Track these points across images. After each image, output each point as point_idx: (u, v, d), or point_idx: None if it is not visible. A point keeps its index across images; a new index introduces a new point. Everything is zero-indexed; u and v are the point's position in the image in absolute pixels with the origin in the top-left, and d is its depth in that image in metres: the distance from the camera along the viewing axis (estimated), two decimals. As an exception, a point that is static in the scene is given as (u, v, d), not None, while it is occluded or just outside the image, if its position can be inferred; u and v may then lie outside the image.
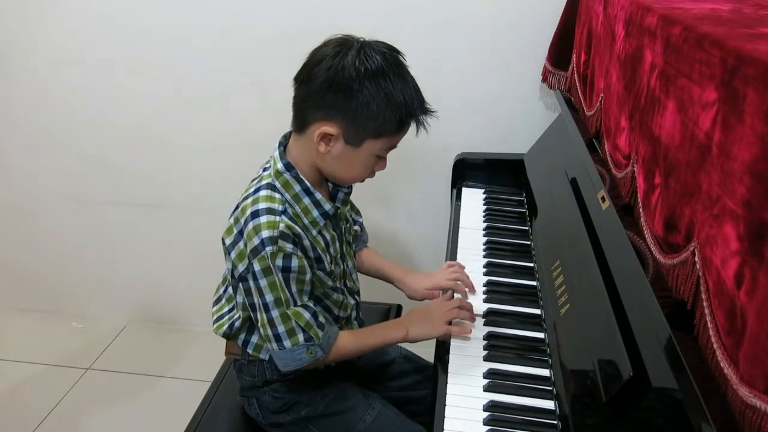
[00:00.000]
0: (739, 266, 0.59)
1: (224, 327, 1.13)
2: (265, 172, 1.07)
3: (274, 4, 1.74)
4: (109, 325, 2.26)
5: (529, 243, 1.42)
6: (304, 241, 1.03)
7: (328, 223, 1.09)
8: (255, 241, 0.99)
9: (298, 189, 1.04)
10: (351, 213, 1.25)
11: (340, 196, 1.11)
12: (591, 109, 1.33)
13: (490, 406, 0.97)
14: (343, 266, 1.17)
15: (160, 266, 2.17)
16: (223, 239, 1.06)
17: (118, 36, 1.84)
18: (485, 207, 1.59)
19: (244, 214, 1.02)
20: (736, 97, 0.61)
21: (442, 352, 1.10)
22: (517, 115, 1.79)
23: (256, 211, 1.00)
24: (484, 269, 1.33)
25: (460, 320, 1.14)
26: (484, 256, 1.38)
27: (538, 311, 1.19)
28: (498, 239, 1.45)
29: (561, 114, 1.58)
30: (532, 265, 1.34)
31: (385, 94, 0.96)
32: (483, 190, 1.68)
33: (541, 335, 1.13)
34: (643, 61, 0.95)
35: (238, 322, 1.11)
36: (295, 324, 1.02)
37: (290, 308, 1.02)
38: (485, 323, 1.17)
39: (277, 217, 1.00)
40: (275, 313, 1.01)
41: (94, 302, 2.28)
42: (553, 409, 0.97)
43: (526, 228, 1.49)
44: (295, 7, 1.73)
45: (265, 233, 0.98)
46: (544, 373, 1.04)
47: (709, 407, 0.60)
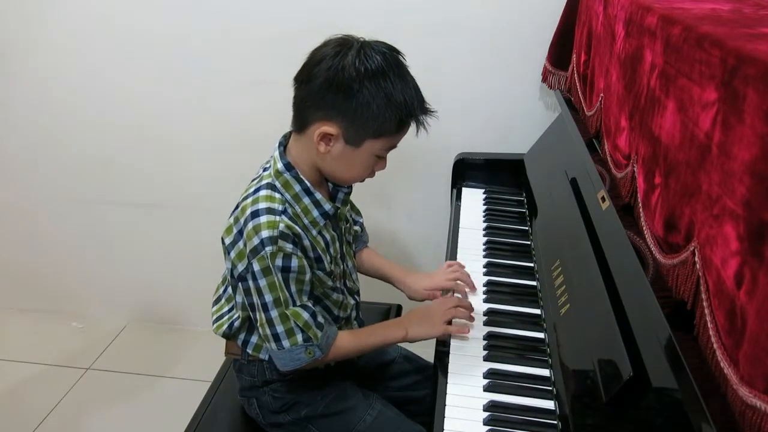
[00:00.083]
0: (739, 266, 0.59)
1: (224, 327, 1.13)
2: (265, 172, 1.07)
3: (274, 4, 1.74)
4: (109, 325, 2.26)
5: (529, 243, 1.42)
6: (304, 241, 1.03)
7: (328, 223, 1.09)
8: (255, 240, 0.99)
9: (298, 189, 1.04)
10: (351, 213, 1.25)
11: (340, 196, 1.11)
12: (591, 109, 1.33)
13: (490, 406, 0.97)
14: (343, 266, 1.17)
15: (160, 266, 2.17)
16: (223, 239, 1.06)
17: (118, 36, 1.84)
18: (485, 207, 1.59)
19: (244, 214, 1.02)
20: (736, 97, 0.61)
21: (442, 352, 1.10)
22: (517, 115, 1.79)
23: (256, 210, 1.00)
24: (484, 269, 1.33)
25: (461, 320, 1.14)
26: (484, 256, 1.38)
27: (538, 311, 1.19)
28: (498, 239, 1.45)
29: (561, 114, 1.58)
30: (532, 265, 1.34)
31: (385, 94, 0.96)
32: (483, 190, 1.68)
33: (541, 335, 1.13)
34: (643, 61, 0.95)
35: (237, 322, 1.11)
36: (293, 324, 1.02)
37: (289, 308, 1.02)
38: (485, 323, 1.17)
39: (277, 217, 1.00)
40: (274, 313, 1.01)
41: (94, 302, 2.28)
42: (553, 409, 0.97)
43: (526, 228, 1.49)
44: (295, 7, 1.73)
45: (264, 233, 0.98)
46: (544, 373, 1.04)
47: (709, 407, 0.60)
